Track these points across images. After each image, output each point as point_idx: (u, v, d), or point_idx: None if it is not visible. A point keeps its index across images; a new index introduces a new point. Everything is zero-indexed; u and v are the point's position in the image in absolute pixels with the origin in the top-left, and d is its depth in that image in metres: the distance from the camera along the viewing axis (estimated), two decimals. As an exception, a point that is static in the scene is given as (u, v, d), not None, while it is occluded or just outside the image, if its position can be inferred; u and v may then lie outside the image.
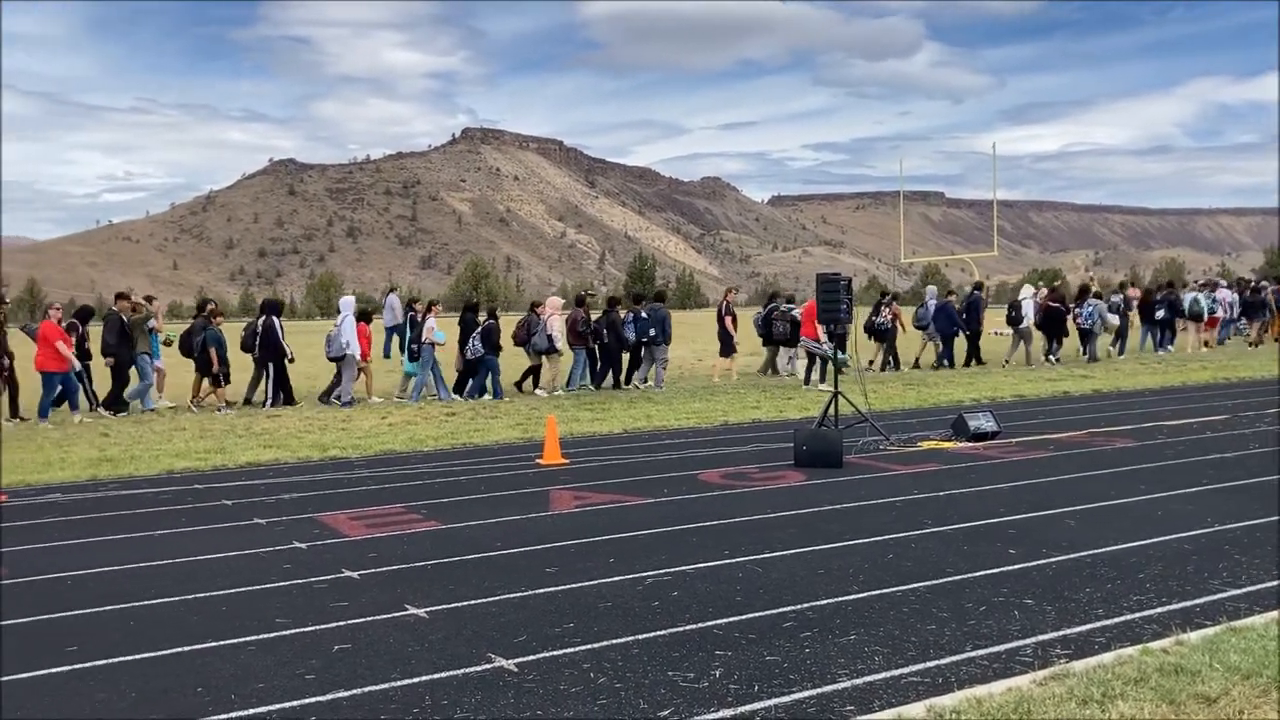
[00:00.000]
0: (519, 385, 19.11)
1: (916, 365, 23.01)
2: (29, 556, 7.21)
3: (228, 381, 17.02)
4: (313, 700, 4.37)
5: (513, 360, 19.55)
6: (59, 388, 15.52)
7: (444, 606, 5.70)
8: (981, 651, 4.76)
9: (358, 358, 17.10)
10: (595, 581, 6.14)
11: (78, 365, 15.69)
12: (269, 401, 16.97)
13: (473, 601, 5.79)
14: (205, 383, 17.11)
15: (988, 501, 8.31)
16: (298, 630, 5.34)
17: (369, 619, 5.50)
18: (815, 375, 19.33)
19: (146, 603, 5.95)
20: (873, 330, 22.42)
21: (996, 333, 24.02)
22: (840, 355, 16.56)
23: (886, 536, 7.15)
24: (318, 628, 5.38)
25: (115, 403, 16.32)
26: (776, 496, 8.79)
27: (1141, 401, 15.80)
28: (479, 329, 17.87)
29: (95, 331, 16.69)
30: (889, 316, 22.24)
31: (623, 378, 19.55)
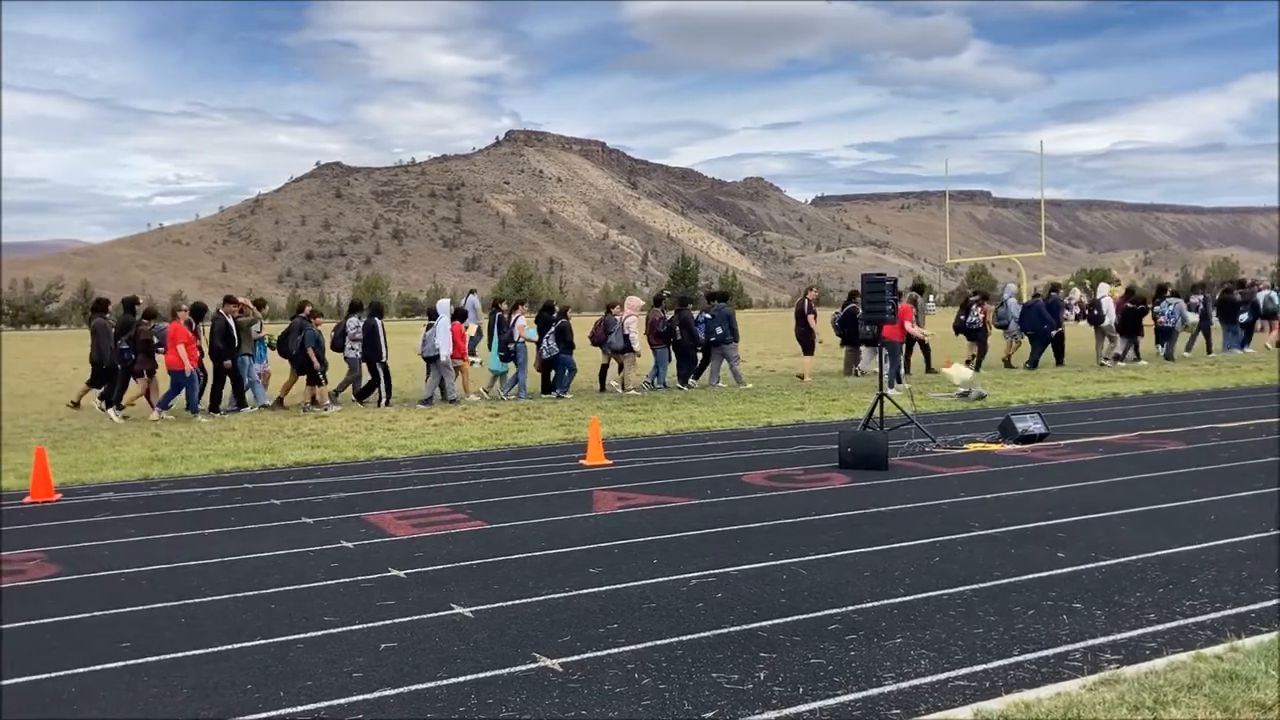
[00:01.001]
0: (601, 385, 19.40)
1: (1009, 364, 22.87)
2: (83, 554, 7.35)
3: (325, 380, 17.44)
4: (359, 698, 4.41)
5: (586, 358, 19.77)
6: (185, 385, 16.08)
7: (489, 606, 5.73)
8: (1029, 656, 4.71)
9: (450, 357, 17.47)
10: (639, 582, 6.15)
11: (190, 367, 16.08)
12: (384, 401, 17.34)
13: (517, 601, 5.82)
14: (302, 381, 17.48)
15: (1036, 504, 8.22)
16: (345, 628, 5.40)
17: (415, 618, 5.55)
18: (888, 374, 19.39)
19: (197, 600, 6.04)
20: (964, 330, 22.45)
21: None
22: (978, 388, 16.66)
23: (932, 539, 7.09)
24: (365, 626, 5.43)
25: (218, 403, 16.70)
26: (821, 498, 8.74)
27: (1193, 403, 15.53)
28: (553, 328, 18.22)
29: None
30: (980, 316, 22.17)
31: (693, 377, 19.89)
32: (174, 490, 10.00)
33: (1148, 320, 23.63)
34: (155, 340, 16.47)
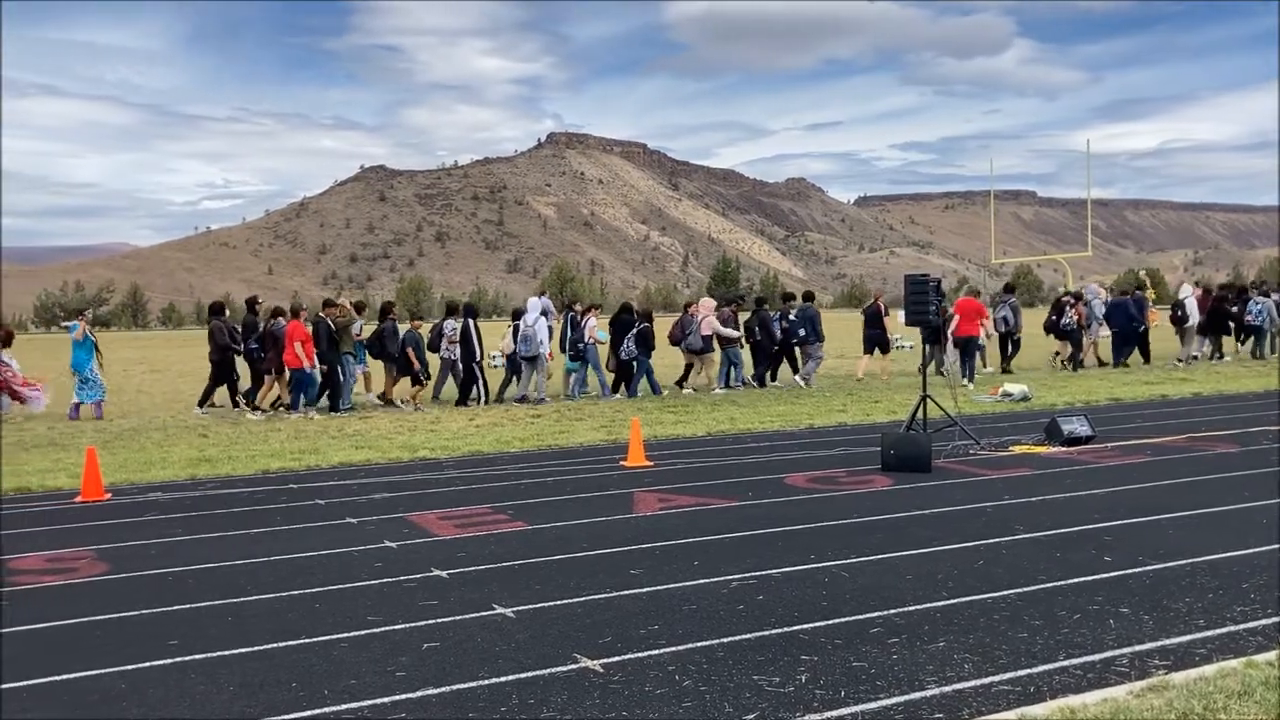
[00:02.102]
0: (679, 384, 19.57)
1: (1100, 363, 22.97)
2: (132, 553, 7.47)
3: (428, 379, 17.79)
4: (402, 697, 4.45)
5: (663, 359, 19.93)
6: (307, 382, 16.49)
7: (530, 606, 5.76)
8: (1075, 661, 4.65)
9: (548, 356, 17.90)
10: (680, 584, 6.15)
11: (308, 366, 16.41)
12: (483, 400, 17.76)
13: (559, 602, 5.83)
14: (405, 382, 17.85)
15: (1082, 507, 8.11)
16: (388, 628, 5.45)
17: (457, 618, 5.59)
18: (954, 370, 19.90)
19: (243, 599, 6.12)
20: (1057, 330, 22.54)
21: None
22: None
23: (976, 542, 7.03)
24: (408, 626, 5.47)
25: (324, 402, 17.04)
26: (863, 501, 8.69)
27: (1244, 405, 15.26)
28: (634, 330, 18.45)
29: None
30: (1073, 317, 22.21)
31: (770, 377, 20.18)
32: (221, 490, 10.14)
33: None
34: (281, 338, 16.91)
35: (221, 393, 17.87)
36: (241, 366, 17.68)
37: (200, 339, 17.61)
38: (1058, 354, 23.29)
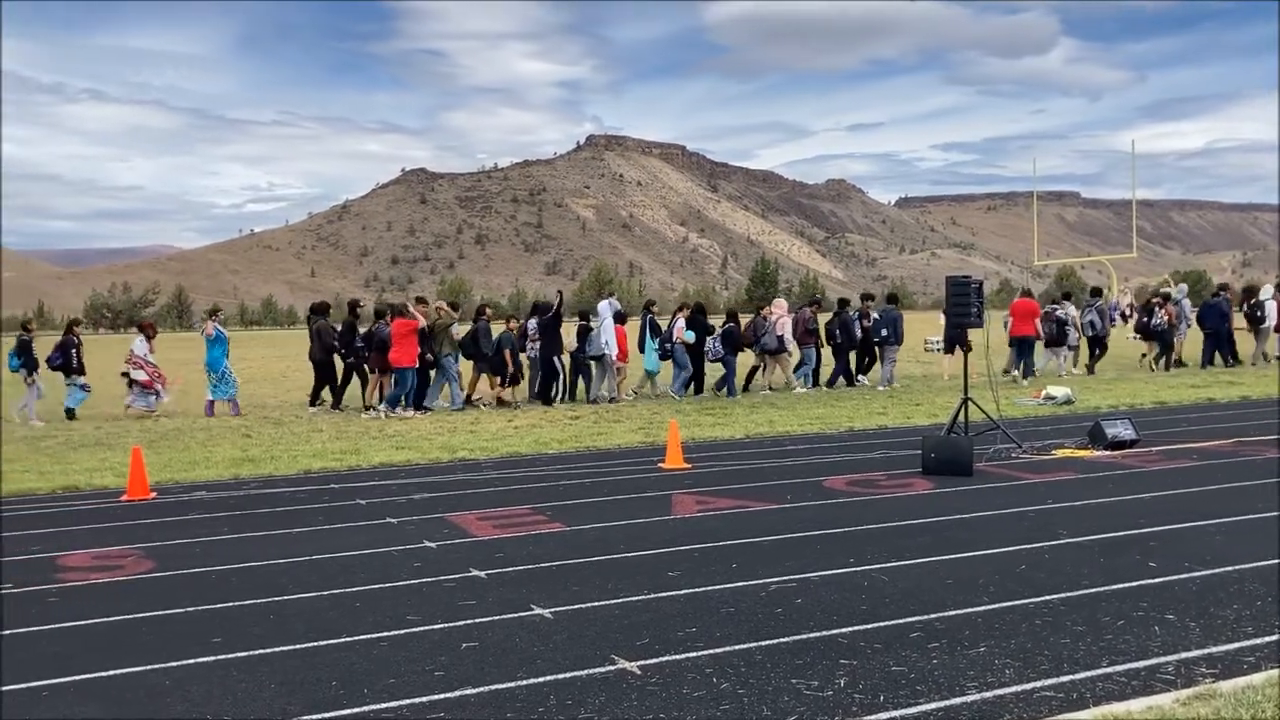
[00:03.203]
0: (745, 385, 19.79)
1: (1180, 364, 22.91)
2: (177, 551, 7.57)
3: (521, 378, 18.10)
4: (441, 696, 4.47)
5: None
6: (409, 382, 16.69)
7: (568, 607, 5.77)
8: (1119, 668, 4.59)
9: (615, 358, 18.04)
10: (718, 586, 6.13)
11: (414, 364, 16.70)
12: (564, 396, 18.11)
13: (596, 603, 5.84)
14: (484, 380, 18.17)
15: (1126, 512, 8.00)
16: (428, 627, 5.48)
17: (496, 618, 5.61)
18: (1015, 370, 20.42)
19: (286, 597, 6.18)
20: (1147, 331, 22.67)
21: (1134, 338, 23.71)
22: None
23: (1018, 546, 6.95)
24: (447, 625, 5.50)
25: (420, 402, 17.27)
26: (903, 504, 8.63)
27: (1294, 409, 14.98)
28: (719, 330, 18.79)
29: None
30: (1164, 318, 22.29)
31: (861, 374, 20.58)
32: (263, 490, 10.25)
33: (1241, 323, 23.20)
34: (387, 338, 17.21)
35: (337, 392, 18.24)
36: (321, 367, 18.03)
37: (247, 340, 17.91)
38: (1145, 355, 23.28)
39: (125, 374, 17.46)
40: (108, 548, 7.73)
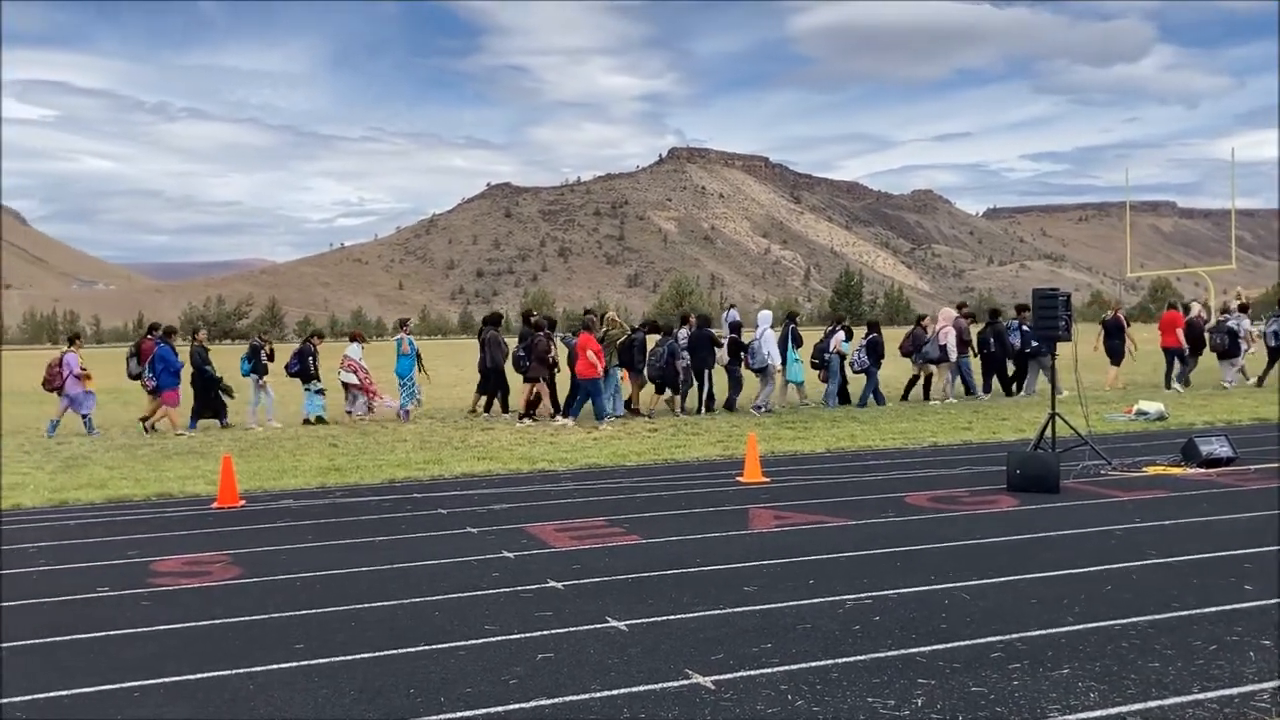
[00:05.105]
0: (904, 395, 20.08)
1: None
2: (264, 558, 7.76)
3: (690, 386, 18.41)
4: (516, 707, 4.51)
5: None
6: (587, 392, 17.08)
7: (644, 620, 5.77)
8: (1211, 694, 4.44)
9: (778, 367, 18.34)
10: (794, 602, 6.08)
11: (599, 375, 17.07)
12: (701, 408, 18.41)
13: (672, 617, 5.83)
14: (648, 390, 18.53)
15: (1220, 532, 7.74)
16: (504, 637, 5.53)
17: (571, 629, 5.64)
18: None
19: (367, 605, 6.29)
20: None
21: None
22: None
23: (1105, 566, 6.77)
24: (523, 636, 5.54)
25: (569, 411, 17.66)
26: (987, 521, 8.46)
27: (1404, 427, 14.35)
28: (864, 341, 19.02)
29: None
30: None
31: (1016, 384, 20.64)
32: (348, 499, 10.45)
33: None
34: (551, 350, 17.83)
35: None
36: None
37: (339, 351, 18.57)
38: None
39: (345, 383, 18.37)
40: (198, 554, 7.95)
